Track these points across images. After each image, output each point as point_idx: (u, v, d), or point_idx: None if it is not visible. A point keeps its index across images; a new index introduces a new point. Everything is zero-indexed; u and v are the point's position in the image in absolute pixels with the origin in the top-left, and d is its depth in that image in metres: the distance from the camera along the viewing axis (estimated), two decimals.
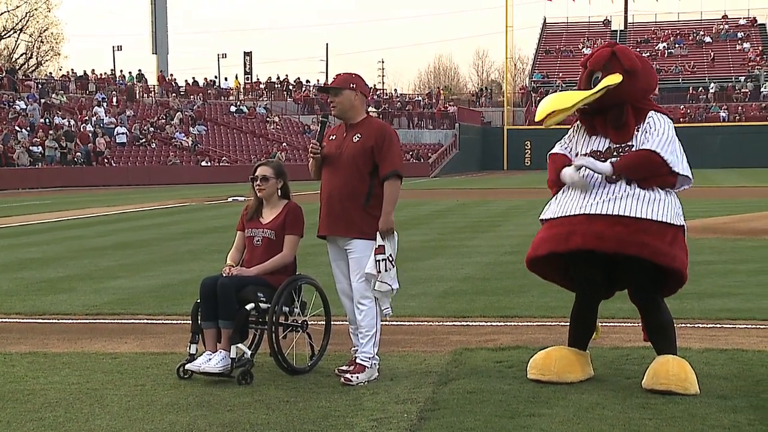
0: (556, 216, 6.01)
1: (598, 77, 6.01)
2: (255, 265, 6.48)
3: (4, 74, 52.60)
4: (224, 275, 6.38)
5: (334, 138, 6.43)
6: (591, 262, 5.99)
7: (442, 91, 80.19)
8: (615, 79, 5.91)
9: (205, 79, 67.30)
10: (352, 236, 6.25)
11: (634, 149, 5.87)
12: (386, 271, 6.16)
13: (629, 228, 5.72)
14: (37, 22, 76.57)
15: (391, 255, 6.18)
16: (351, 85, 6.32)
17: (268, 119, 61.59)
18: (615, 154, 5.91)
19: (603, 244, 5.76)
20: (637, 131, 5.91)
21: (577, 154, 6.10)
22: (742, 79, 72.76)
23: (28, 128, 45.79)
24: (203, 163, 51.14)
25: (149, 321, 8.76)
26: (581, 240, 5.80)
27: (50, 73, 66.29)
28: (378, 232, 6.17)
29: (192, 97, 61.98)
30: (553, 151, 6.34)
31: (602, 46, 6.16)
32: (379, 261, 6.15)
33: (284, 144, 57.13)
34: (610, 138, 5.97)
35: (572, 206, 5.92)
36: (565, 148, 6.28)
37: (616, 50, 6.03)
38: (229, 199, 30.13)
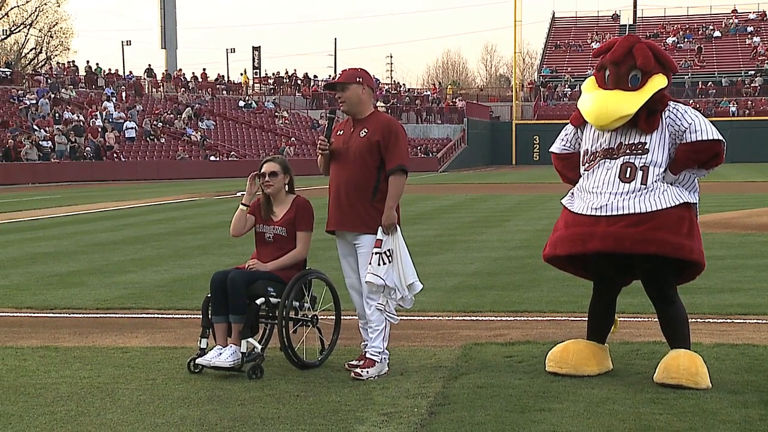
0: (576, 211, 6.00)
1: (638, 75, 5.96)
2: (267, 262, 6.49)
3: (12, 69, 52.68)
4: (247, 267, 6.41)
5: (341, 133, 6.43)
6: (608, 261, 6.04)
7: (450, 86, 79.97)
8: (662, 82, 5.96)
9: (206, 75, 67.44)
10: (360, 231, 6.26)
11: (647, 146, 5.86)
12: (379, 265, 6.13)
13: (646, 225, 5.72)
14: (47, 17, 76.71)
15: (389, 250, 6.15)
16: (357, 79, 6.33)
17: (276, 114, 61.62)
18: (627, 151, 5.90)
19: (621, 245, 5.78)
20: (659, 126, 5.92)
21: (587, 152, 6.09)
22: (752, 73, 72.48)
23: (38, 123, 45.86)
24: (212, 158, 51.19)
25: (160, 315, 8.78)
26: (600, 244, 5.83)
27: (60, 65, 66.35)
28: (379, 227, 6.18)
29: (201, 92, 62.05)
30: (554, 150, 6.35)
31: (635, 41, 6.04)
32: (374, 254, 6.16)
33: (293, 138, 57.18)
34: (637, 131, 5.90)
35: (591, 204, 5.91)
36: (568, 146, 6.29)
37: (655, 51, 6.00)
38: (238, 193, 30.11)
